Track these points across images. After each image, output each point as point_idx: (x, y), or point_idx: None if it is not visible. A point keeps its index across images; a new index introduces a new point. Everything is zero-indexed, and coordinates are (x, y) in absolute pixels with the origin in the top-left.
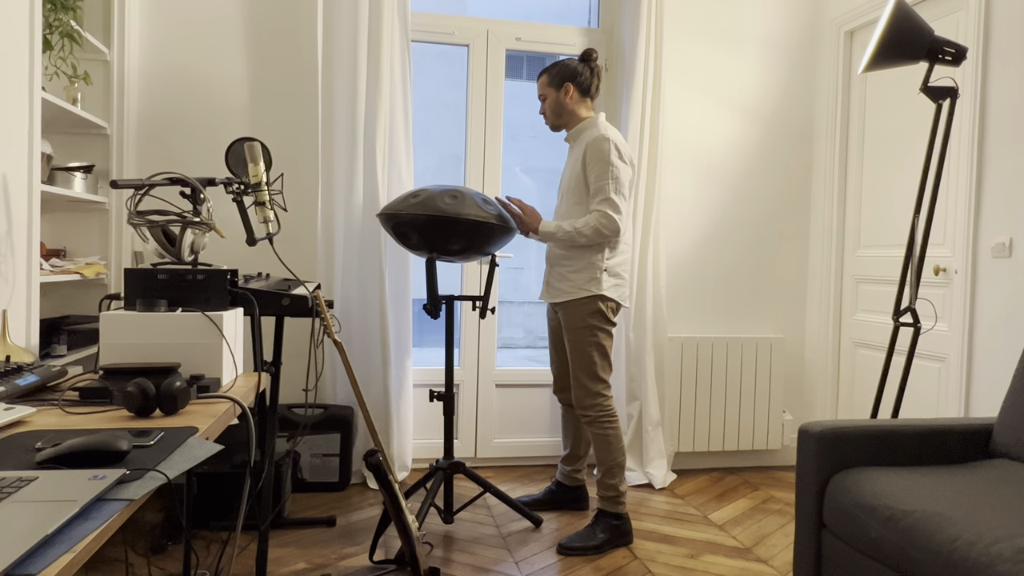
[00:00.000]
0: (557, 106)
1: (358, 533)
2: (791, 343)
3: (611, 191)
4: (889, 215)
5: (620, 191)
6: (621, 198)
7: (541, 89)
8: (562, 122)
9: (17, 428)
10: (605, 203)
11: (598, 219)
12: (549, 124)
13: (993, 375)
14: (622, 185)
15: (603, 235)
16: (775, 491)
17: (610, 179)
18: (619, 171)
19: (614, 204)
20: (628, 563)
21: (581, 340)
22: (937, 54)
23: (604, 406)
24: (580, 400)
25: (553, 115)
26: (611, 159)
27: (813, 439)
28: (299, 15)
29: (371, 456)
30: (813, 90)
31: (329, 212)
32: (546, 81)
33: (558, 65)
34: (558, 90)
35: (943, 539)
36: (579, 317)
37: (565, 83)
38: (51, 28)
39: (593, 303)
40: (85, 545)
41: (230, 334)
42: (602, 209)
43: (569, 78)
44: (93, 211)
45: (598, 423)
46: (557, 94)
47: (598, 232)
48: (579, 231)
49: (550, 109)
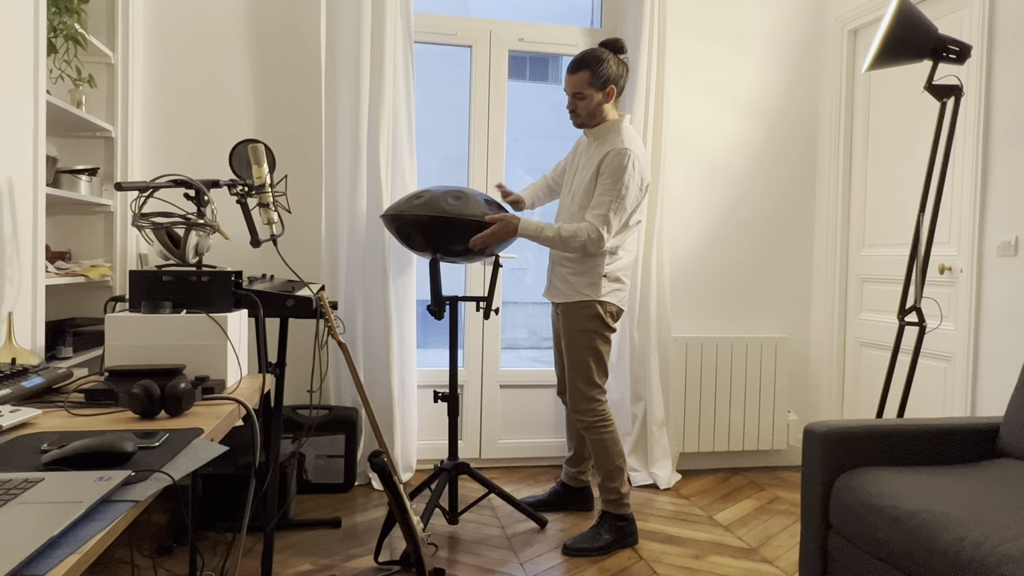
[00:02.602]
0: (597, 108)
1: (363, 534)
2: (796, 343)
3: (611, 210)
4: (894, 214)
5: (619, 212)
6: (617, 220)
7: (578, 87)
8: (595, 123)
9: (23, 430)
10: (601, 220)
11: (588, 234)
12: (579, 123)
13: (999, 374)
14: (624, 208)
15: (587, 251)
16: (781, 491)
17: (616, 197)
18: (627, 192)
19: (609, 224)
20: (633, 564)
21: (578, 344)
22: (941, 52)
23: (599, 411)
24: (575, 404)
25: (589, 116)
26: (624, 179)
27: (818, 439)
28: (302, 17)
29: (376, 457)
30: (817, 89)
31: (333, 213)
32: (587, 80)
33: (601, 64)
34: (601, 91)
35: (950, 539)
36: (577, 321)
37: (610, 86)
38: (55, 31)
39: (591, 307)
40: (91, 546)
41: (235, 336)
42: (596, 225)
43: (614, 80)
44: (98, 213)
45: (594, 428)
46: (600, 96)
47: (584, 248)
48: (564, 240)
49: (587, 111)
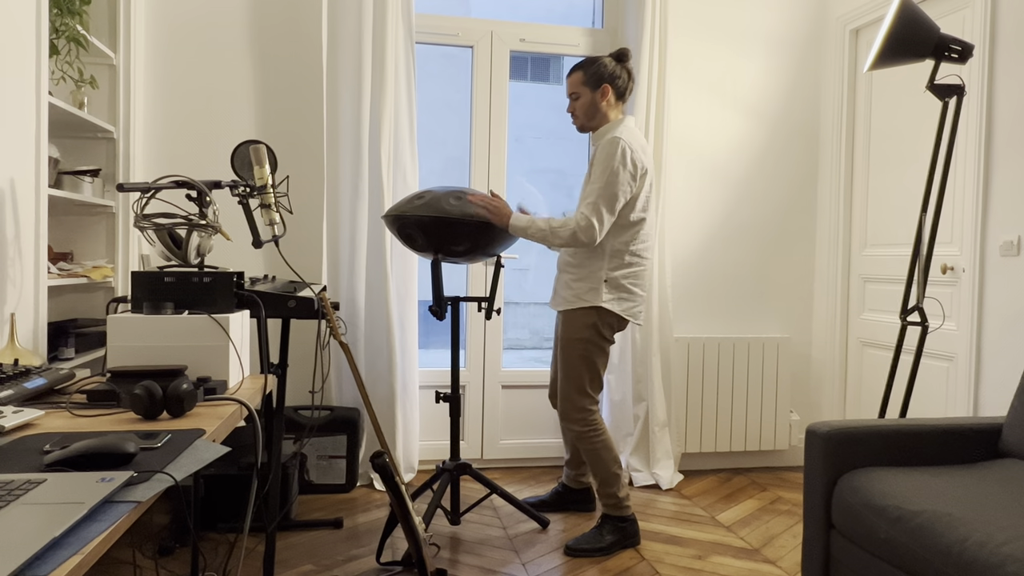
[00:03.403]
0: (591, 108)
1: (365, 535)
2: (798, 343)
3: (600, 196)
4: (896, 214)
5: (610, 199)
6: (608, 208)
7: (573, 87)
8: (594, 124)
9: (26, 431)
10: (591, 208)
11: (577, 223)
12: (578, 125)
13: (1002, 374)
14: (615, 195)
15: (580, 241)
16: (783, 492)
17: (604, 184)
18: (616, 179)
19: (599, 212)
20: (635, 564)
21: (572, 352)
22: (943, 52)
23: (589, 421)
24: (565, 413)
25: (585, 116)
26: (613, 165)
27: (821, 439)
28: (303, 18)
29: (377, 458)
30: (818, 89)
31: (335, 214)
32: (581, 79)
33: (595, 64)
34: (594, 91)
35: (952, 539)
36: (573, 328)
37: (603, 84)
38: (57, 33)
39: (589, 315)
40: (93, 547)
41: (236, 336)
42: (586, 214)
43: (608, 80)
44: (100, 215)
45: (585, 438)
46: (593, 95)
47: (574, 236)
48: (554, 231)
49: (583, 110)
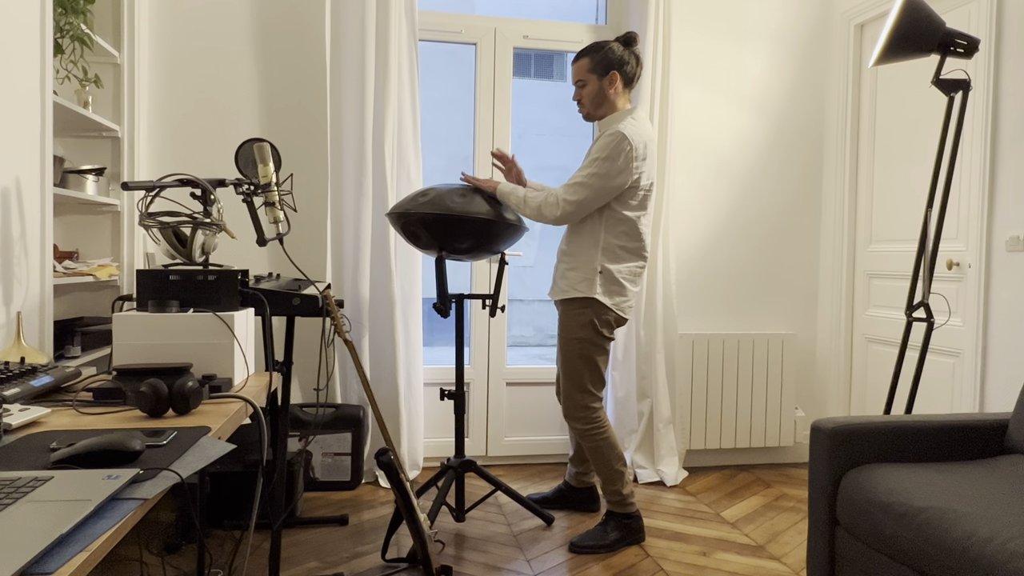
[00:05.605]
0: (599, 96)
1: (370, 532)
2: (803, 339)
3: (584, 176)
4: (901, 209)
5: (592, 179)
6: (588, 186)
7: (580, 74)
8: (601, 113)
9: (32, 429)
10: (565, 190)
11: (546, 198)
12: (585, 114)
13: (1008, 370)
14: (601, 176)
15: (543, 216)
16: (788, 488)
17: (590, 164)
18: (607, 162)
19: (577, 189)
20: (640, 561)
21: (571, 351)
22: (949, 46)
23: (592, 418)
24: (568, 411)
25: (593, 105)
26: (607, 151)
27: (826, 436)
28: (307, 15)
29: (382, 455)
30: (823, 84)
31: (339, 212)
32: (588, 66)
33: (602, 49)
34: (602, 78)
35: (958, 535)
36: (571, 326)
37: (611, 71)
38: (62, 32)
39: (585, 313)
40: (100, 544)
41: (241, 334)
42: (557, 193)
43: (616, 66)
44: (105, 213)
45: (588, 436)
46: (601, 82)
47: (539, 211)
48: (526, 200)
49: (590, 98)
